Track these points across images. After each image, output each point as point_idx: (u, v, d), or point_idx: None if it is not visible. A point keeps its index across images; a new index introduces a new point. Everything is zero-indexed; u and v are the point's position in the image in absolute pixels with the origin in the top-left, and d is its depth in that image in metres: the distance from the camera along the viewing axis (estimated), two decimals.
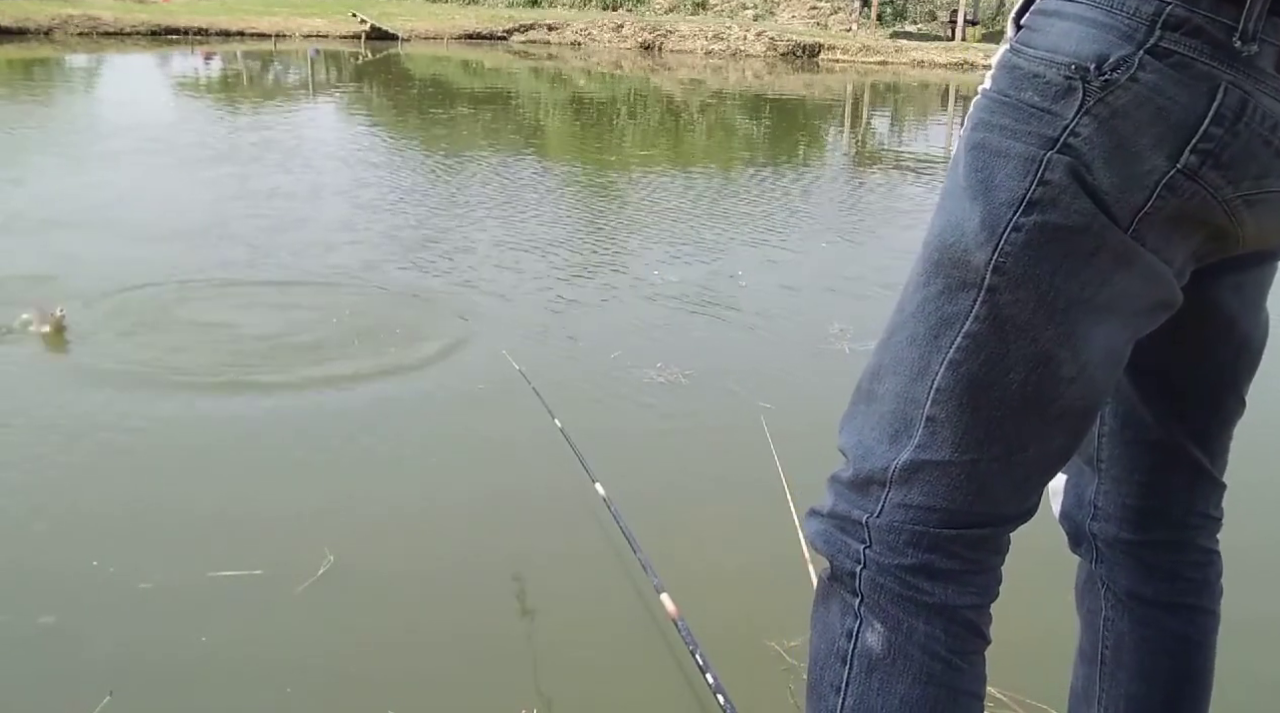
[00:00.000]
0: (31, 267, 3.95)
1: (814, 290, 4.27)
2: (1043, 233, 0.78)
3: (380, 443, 2.58)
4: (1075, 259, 0.78)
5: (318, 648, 1.78)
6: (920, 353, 0.83)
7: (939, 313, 0.82)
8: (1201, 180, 0.77)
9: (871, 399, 0.87)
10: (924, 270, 0.85)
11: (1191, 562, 1.07)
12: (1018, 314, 0.79)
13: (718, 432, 2.73)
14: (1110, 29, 0.76)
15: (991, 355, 0.81)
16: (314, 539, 2.09)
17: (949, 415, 0.82)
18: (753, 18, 22.19)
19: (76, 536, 2.08)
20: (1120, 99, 0.76)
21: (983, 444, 0.82)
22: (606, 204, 6.03)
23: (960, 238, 0.81)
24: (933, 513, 0.83)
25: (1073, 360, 0.80)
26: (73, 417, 2.63)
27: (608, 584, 2.00)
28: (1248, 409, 1.04)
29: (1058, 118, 0.77)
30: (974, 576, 0.85)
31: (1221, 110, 0.75)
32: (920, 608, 0.84)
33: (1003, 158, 0.79)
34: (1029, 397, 0.81)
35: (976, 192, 0.80)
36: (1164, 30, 0.75)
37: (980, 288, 0.80)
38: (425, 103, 11.05)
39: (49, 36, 16.34)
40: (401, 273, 4.18)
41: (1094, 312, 0.79)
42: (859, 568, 0.86)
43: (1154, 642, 1.07)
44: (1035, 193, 0.78)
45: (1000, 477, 0.83)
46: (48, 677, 1.67)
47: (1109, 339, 0.82)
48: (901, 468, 0.84)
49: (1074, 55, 0.77)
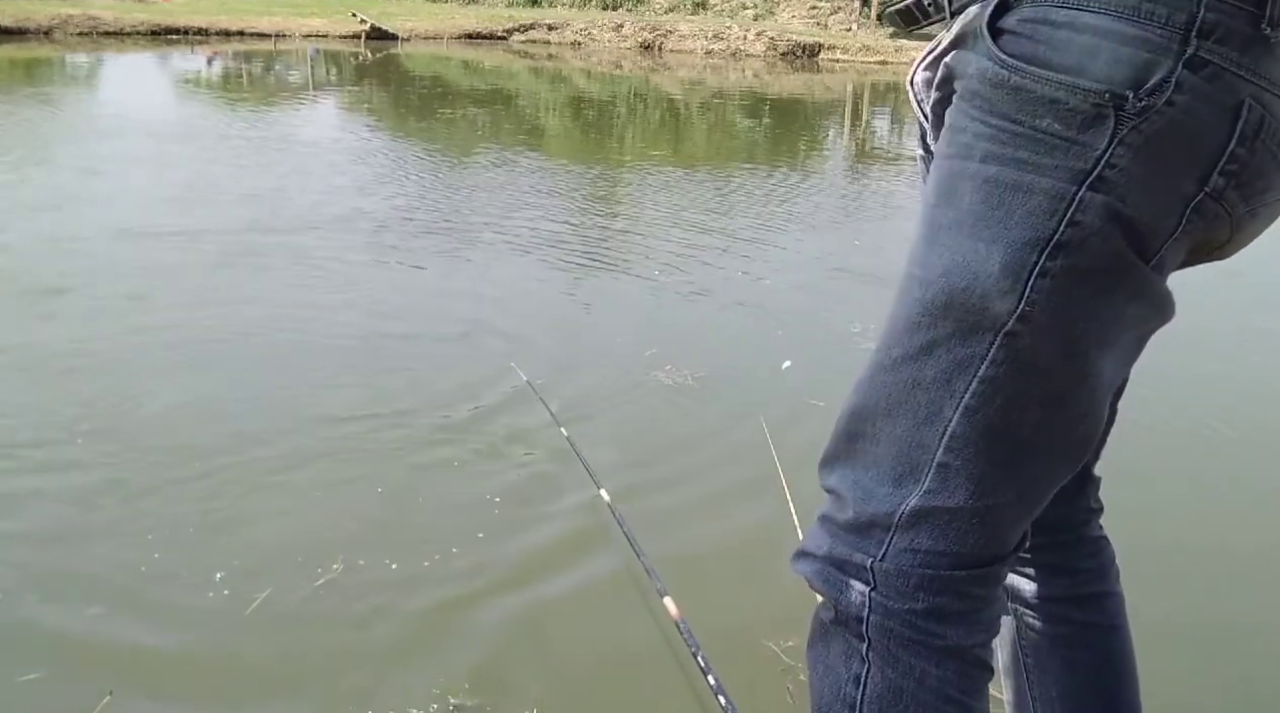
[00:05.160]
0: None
1: (817, 291, 4.27)
2: (1071, 277, 0.73)
3: (377, 442, 2.59)
4: (1102, 301, 0.75)
5: (319, 648, 1.78)
6: (930, 397, 0.79)
7: (950, 357, 0.78)
8: (1224, 201, 0.74)
9: (860, 440, 0.84)
10: (924, 311, 0.79)
11: (1085, 553, 1.09)
12: (1038, 358, 0.76)
13: (723, 435, 2.73)
14: (1142, 44, 0.70)
15: (1009, 400, 0.77)
16: (328, 547, 2.09)
17: (965, 462, 0.79)
18: (753, 18, 22.18)
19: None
20: (1156, 124, 0.70)
21: (998, 488, 0.79)
22: (608, 203, 6.04)
23: (974, 282, 0.75)
24: (943, 556, 0.80)
25: (1088, 397, 0.78)
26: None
27: (611, 588, 2.00)
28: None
29: (1088, 149, 0.71)
30: (982, 613, 0.84)
31: (1245, 129, 0.72)
32: (933, 652, 0.81)
33: (1023, 194, 0.73)
34: (1042, 436, 0.79)
35: (994, 232, 0.74)
36: (1200, 39, 0.70)
37: (998, 332, 0.76)
38: (430, 102, 11.05)
39: (49, 36, 16.34)
40: (401, 272, 4.19)
41: (1107, 346, 0.77)
42: (865, 612, 0.82)
43: (1068, 637, 1.08)
44: (1064, 234, 0.72)
45: (1011, 516, 0.82)
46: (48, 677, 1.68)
47: (1115, 369, 0.80)
48: (910, 513, 0.80)
49: (1105, 80, 0.70)
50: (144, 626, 1.82)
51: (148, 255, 4.27)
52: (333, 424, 2.67)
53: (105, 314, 3.47)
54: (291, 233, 4.76)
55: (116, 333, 3.29)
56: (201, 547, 2.06)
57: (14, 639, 1.76)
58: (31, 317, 3.41)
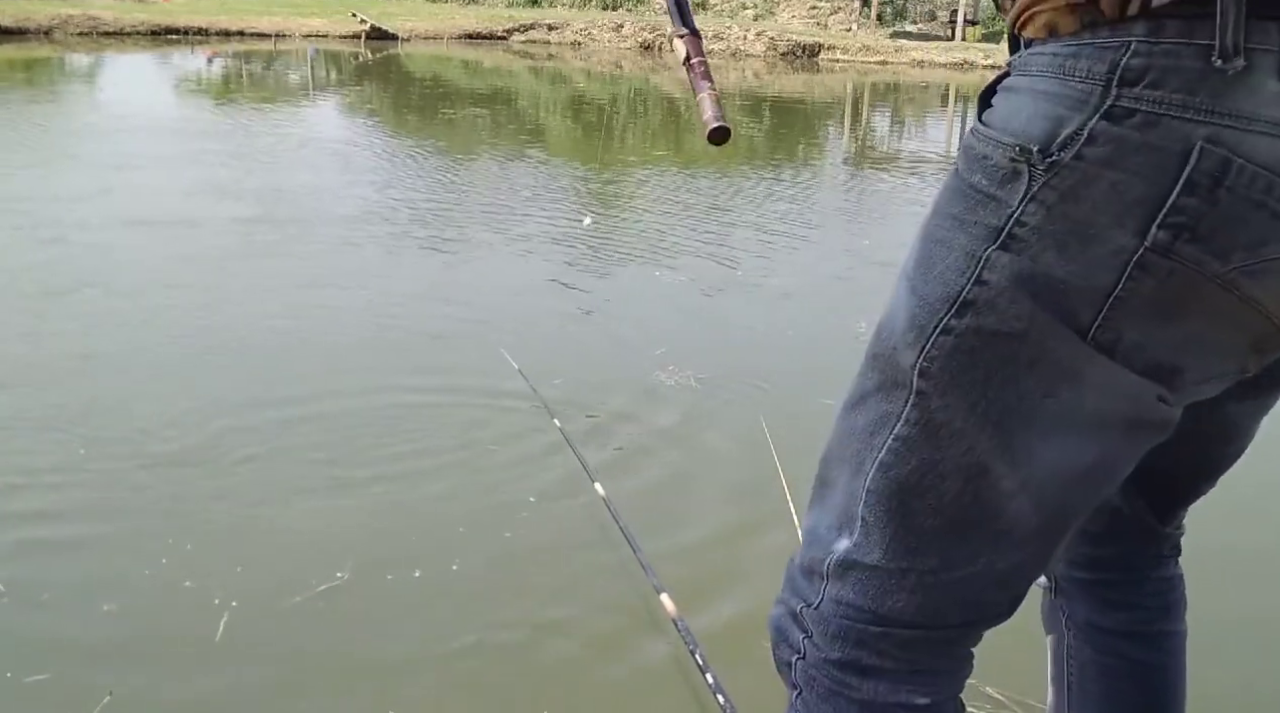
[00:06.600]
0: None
1: (821, 291, 4.27)
2: (977, 337, 0.71)
3: (375, 439, 2.59)
4: (1012, 367, 0.70)
5: (319, 651, 1.78)
6: (857, 448, 0.78)
7: (876, 409, 0.77)
8: (1177, 256, 0.65)
9: (825, 484, 0.83)
10: (864, 359, 0.79)
11: (1150, 592, 1.07)
12: (950, 421, 0.73)
13: (721, 434, 2.73)
14: (1061, 99, 0.67)
15: (923, 462, 0.74)
16: (331, 550, 2.09)
17: (878, 520, 0.77)
18: (753, 18, 22.19)
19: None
20: (1069, 179, 0.66)
21: (915, 554, 0.76)
22: (610, 202, 6.04)
23: (891, 333, 0.75)
24: (863, 612, 0.79)
25: (1012, 474, 0.73)
26: None
27: (607, 584, 2.00)
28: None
29: (1003, 206, 0.69)
30: (911, 676, 0.80)
31: (1194, 177, 0.63)
32: (850, 704, 0.80)
33: (945, 248, 0.72)
34: (966, 509, 0.74)
35: (915, 285, 0.74)
36: (1121, 88, 0.64)
37: (910, 390, 0.74)
38: (431, 102, 11.05)
39: (49, 36, 16.35)
40: (404, 269, 4.19)
41: (1036, 425, 0.72)
42: (795, 658, 0.83)
43: (1116, 669, 1.07)
44: (970, 293, 0.70)
45: (939, 589, 0.77)
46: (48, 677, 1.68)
47: (1064, 456, 0.73)
48: (837, 563, 0.79)
49: (1019, 135, 0.68)
50: (145, 626, 1.82)
51: (153, 250, 4.28)
52: (332, 423, 2.67)
53: (106, 313, 3.47)
54: (292, 233, 4.77)
55: (118, 331, 3.29)
56: (204, 548, 2.06)
57: (18, 641, 1.76)
58: (31, 316, 3.41)
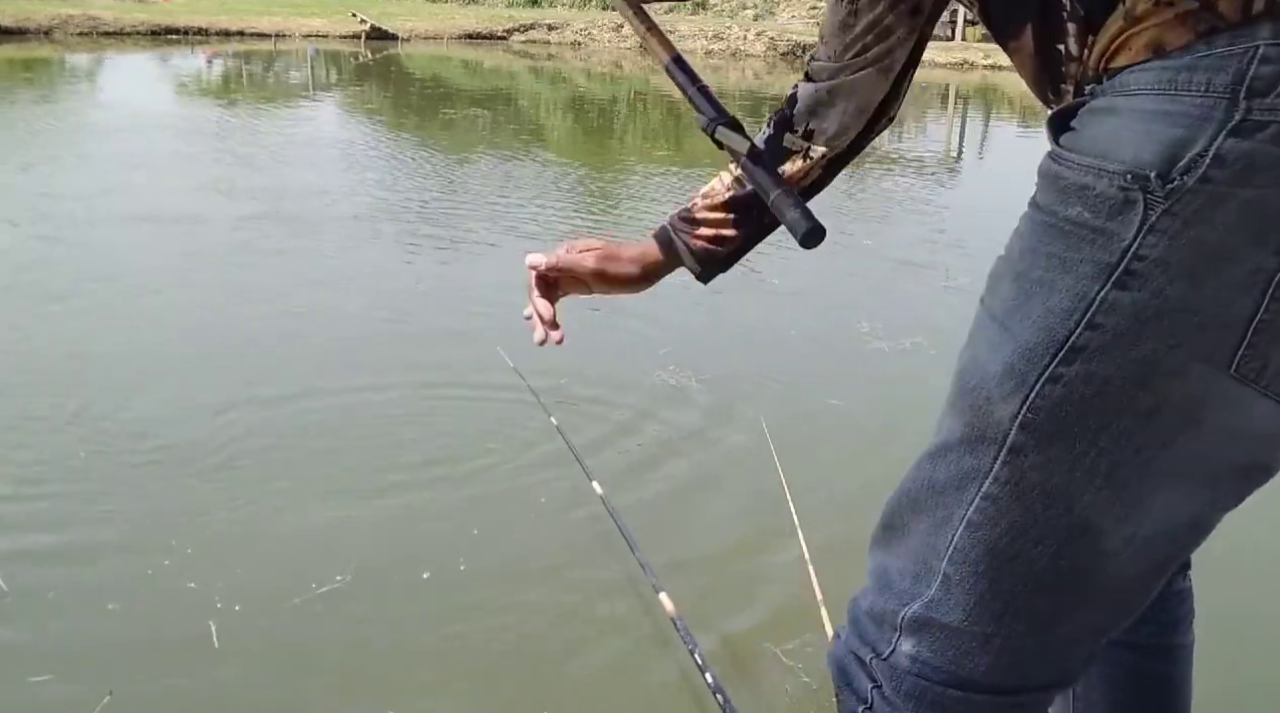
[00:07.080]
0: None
1: (824, 291, 4.26)
2: (1088, 386, 0.64)
3: (378, 440, 2.59)
4: (1129, 417, 0.64)
5: (319, 652, 1.78)
6: (941, 501, 0.73)
7: (960, 463, 0.71)
8: None
9: (898, 528, 0.78)
10: (948, 406, 0.73)
11: (1160, 607, 1.05)
12: (1046, 480, 0.67)
13: (723, 434, 2.72)
14: (1176, 119, 0.60)
15: (1014, 525, 0.69)
16: (333, 551, 2.09)
17: (962, 579, 0.72)
18: (753, 18, 22.19)
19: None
20: (1192, 205, 0.60)
21: (1001, 618, 0.71)
22: (612, 202, 6.03)
23: (982, 382, 0.69)
24: (939, 672, 0.73)
25: (1117, 532, 0.68)
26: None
27: (606, 584, 2.00)
28: None
29: (1115, 239, 0.62)
30: None
31: None
32: None
33: (1045, 290, 0.66)
34: (1062, 572, 0.69)
35: (1012, 330, 0.67)
36: (1250, 99, 0.59)
37: (1002, 446, 0.68)
38: (431, 102, 11.05)
39: (49, 36, 16.34)
40: (406, 267, 4.19)
41: (1151, 477, 0.66)
42: (863, 708, 0.78)
43: (1122, 680, 1.06)
44: (1081, 338, 0.64)
45: (1024, 653, 0.73)
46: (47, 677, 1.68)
47: (1175, 507, 0.68)
48: (912, 618, 0.74)
49: (1130, 162, 0.62)
50: (145, 626, 1.82)
51: (153, 249, 4.28)
52: (335, 423, 2.67)
53: (106, 312, 3.47)
54: (292, 232, 4.77)
55: (118, 331, 3.29)
56: (205, 550, 2.06)
57: (20, 641, 1.76)
58: (31, 316, 3.41)
